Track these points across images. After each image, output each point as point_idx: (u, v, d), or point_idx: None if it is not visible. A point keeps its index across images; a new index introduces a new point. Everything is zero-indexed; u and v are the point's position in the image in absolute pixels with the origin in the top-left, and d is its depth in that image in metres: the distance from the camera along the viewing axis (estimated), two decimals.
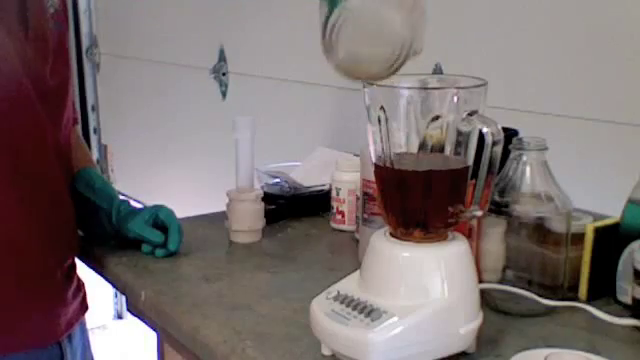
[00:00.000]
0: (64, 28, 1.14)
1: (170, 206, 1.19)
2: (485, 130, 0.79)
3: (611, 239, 0.99)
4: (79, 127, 1.31)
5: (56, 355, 1.15)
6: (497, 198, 0.94)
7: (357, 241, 1.20)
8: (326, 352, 0.84)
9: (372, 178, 0.91)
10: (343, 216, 1.28)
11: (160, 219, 1.17)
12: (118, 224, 1.17)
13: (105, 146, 3.17)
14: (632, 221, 0.97)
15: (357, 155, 1.41)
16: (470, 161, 0.83)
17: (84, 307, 1.24)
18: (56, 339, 1.15)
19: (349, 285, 0.85)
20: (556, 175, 0.96)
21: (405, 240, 0.83)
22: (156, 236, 1.15)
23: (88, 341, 1.29)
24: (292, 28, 1.97)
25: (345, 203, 1.27)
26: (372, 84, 0.82)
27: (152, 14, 2.62)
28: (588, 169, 1.30)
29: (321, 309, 0.83)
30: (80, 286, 1.24)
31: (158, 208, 1.18)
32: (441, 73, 1.51)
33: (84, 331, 1.27)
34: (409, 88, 0.82)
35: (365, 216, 1.13)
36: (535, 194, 0.95)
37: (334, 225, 1.30)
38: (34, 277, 1.10)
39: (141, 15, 2.70)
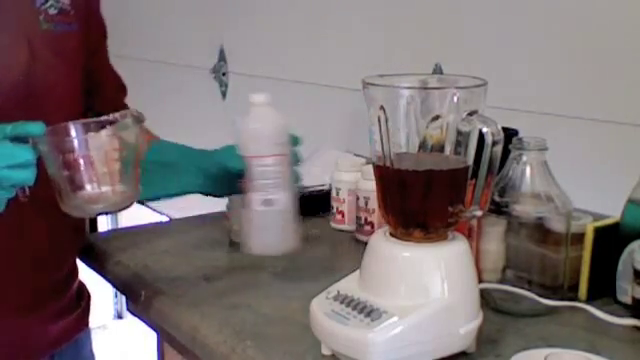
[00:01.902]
0: (76, 28, 1.10)
1: (170, 206, 1.19)
2: (485, 130, 0.79)
3: (611, 239, 0.99)
4: None
5: None
6: (497, 198, 0.94)
7: (357, 241, 1.21)
8: (326, 352, 0.84)
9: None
10: (343, 216, 1.28)
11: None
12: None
13: None
14: (632, 221, 0.97)
15: (357, 155, 1.41)
16: (470, 161, 0.83)
17: (81, 323, 1.20)
18: (27, 359, 1.11)
19: (349, 285, 0.85)
20: (556, 175, 0.96)
21: (405, 240, 0.83)
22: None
23: (87, 356, 1.24)
24: (292, 28, 1.97)
25: (345, 203, 1.27)
26: (372, 84, 0.82)
27: (152, 14, 2.62)
28: (588, 169, 1.30)
29: (321, 309, 0.83)
30: (80, 300, 1.20)
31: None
32: (441, 73, 1.51)
33: (81, 346, 1.22)
34: (409, 88, 0.82)
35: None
36: (535, 194, 0.95)
37: (334, 225, 1.30)
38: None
39: (141, 15, 2.70)
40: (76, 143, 0.88)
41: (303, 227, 1.31)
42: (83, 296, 1.22)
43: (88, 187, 0.89)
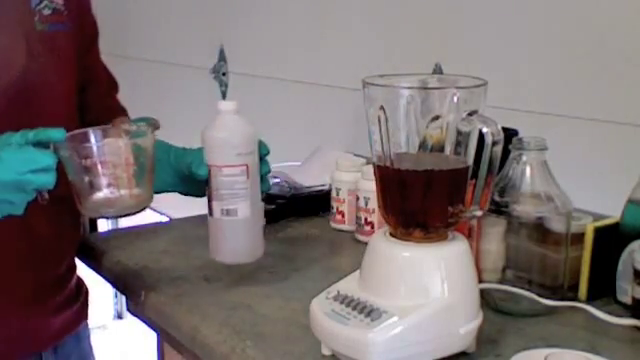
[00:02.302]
0: (69, 27, 1.11)
1: (170, 205, 1.19)
2: (485, 130, 0.79)
3: (611, 239, 0.99)
4: None
5: None
6: (497, 198, 0.94)
7: (357, 241, 1.20)
8: (326, 352, 0.84)
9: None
10: (343, 216, 1.28)
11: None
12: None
13: None
14: (632, 221, 0.97)
15: (357, 155, 1.41)
16: (470, 161, 0.83)
17: (80, 317, 1.22)
18: (32, 351, 1.13)
19: (349, 285, 0.85)
20: (556, 175, 0.96)
21: (405, 240, 0.83)
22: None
23: (87, 349, 1.26)
24: (292, 28, 1.97)
25: (345, 203, 1.27)
26: (372, 83, 0.82)
27: (152, 14, 2.62)
28: (588, 169, 1.30)
29: (321, 309, 0.83)
30: (79, 295, 1.22)
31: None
32: (441, 73, 1.51)
33: (81, 339, 1.24)
34: (409, 88, 0.82)
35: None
36: (535, 194, 0.95)
37: (334, 225, 1.30)
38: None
39: (141, 15, 2.70)
40: (95, 149, 0.93)
41: (303, 227, 1.32)
42: (82, 291, 1.24)
43: (106, 190, 0.94)
